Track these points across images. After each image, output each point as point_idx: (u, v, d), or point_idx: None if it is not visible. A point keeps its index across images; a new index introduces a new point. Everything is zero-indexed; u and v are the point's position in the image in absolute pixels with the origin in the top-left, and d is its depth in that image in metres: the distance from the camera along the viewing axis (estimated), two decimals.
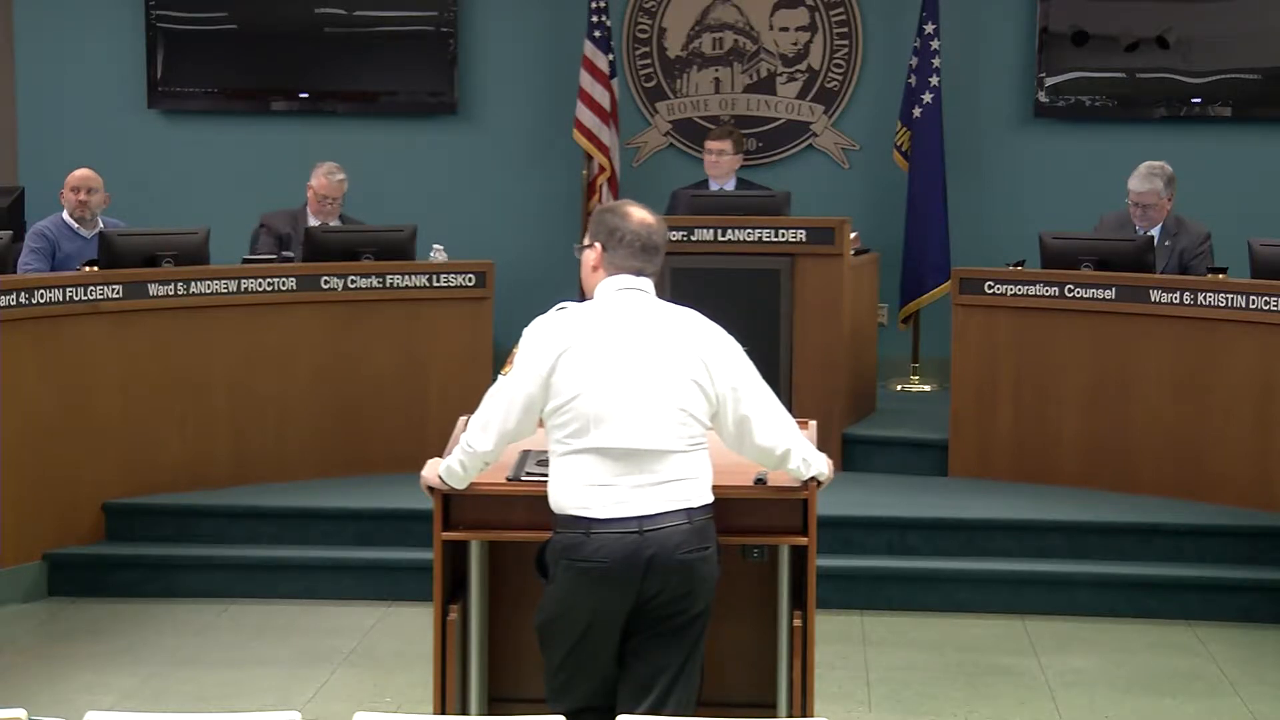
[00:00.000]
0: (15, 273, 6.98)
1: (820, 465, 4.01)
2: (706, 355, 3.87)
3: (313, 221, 7.83)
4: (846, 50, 9.29)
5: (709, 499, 3.86)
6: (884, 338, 8.55)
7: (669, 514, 3.77)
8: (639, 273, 3.92)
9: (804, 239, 7.29)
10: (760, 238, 7.30)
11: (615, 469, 3.78)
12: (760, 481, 4.01)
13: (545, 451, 3.96)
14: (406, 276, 7.34)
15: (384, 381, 7.25)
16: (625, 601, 3.79)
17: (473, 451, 3.93)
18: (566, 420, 3.80)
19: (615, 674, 3.92)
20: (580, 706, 3.90)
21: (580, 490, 3.80)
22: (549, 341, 3.85)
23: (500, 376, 3.92)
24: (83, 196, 7.52)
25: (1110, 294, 6.97)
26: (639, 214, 3.95)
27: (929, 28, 8.76)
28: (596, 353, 3.82)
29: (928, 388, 8.76)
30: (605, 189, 9.04)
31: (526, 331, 3.92)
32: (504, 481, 4.06)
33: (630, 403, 3.78)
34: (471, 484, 4.01)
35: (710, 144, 8.44)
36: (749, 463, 4.09)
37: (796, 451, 3.95)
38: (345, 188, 7.90)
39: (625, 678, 3.90)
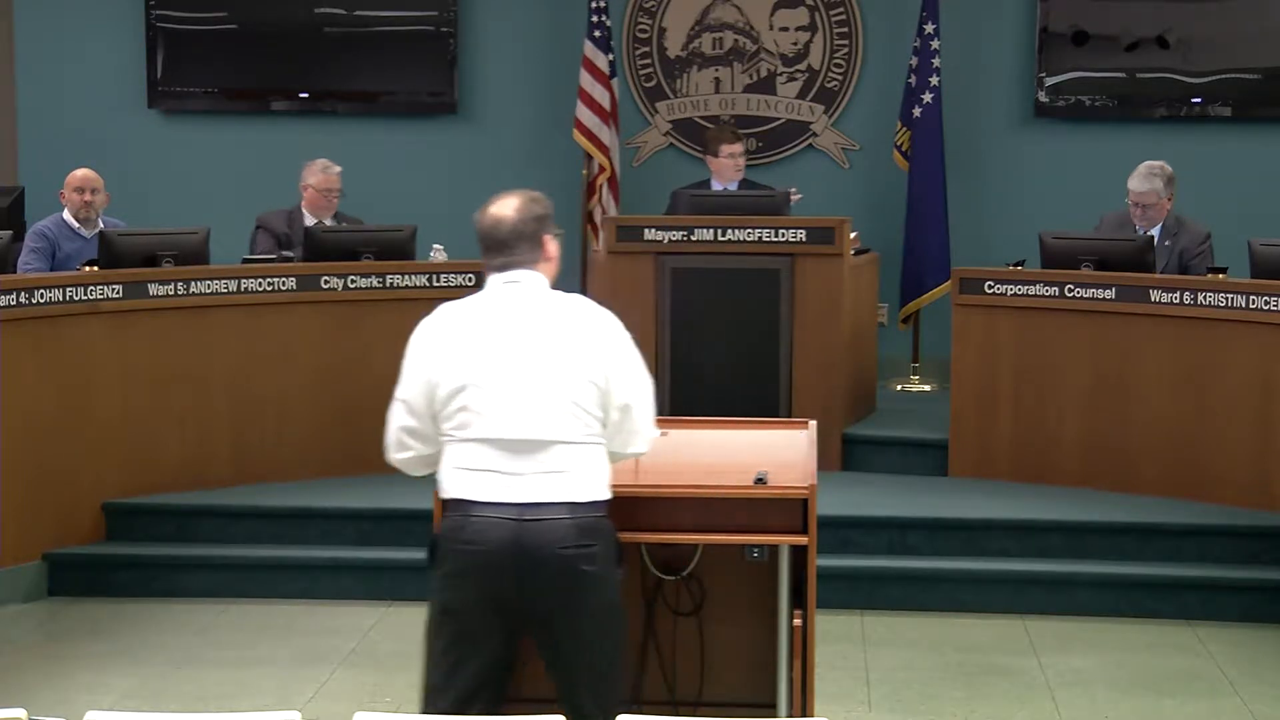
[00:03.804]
0: (15, 272, 6.98)
1: (642, 446, 3.93)
2: (603, 349, 3.78)
3: (309, 220, 7.85)
4: (846, 50, 9.29)
5: (598, 496, 3.76)
6: (884, 338, 8.56)
7: (550, 505, 3.69)
8: (504, 267, 3.84)
9: (804, 239, 7.28)
10: (760, 238, 7.29)
11: (497, 457, 3.72)
12: (760, 481, 4.01)
13: None
14: (406, 276, 7.34)
15: (384, 381, 7.11)
16: (506, 588, 3.69)
17: (392, 460, 3.92)
18: (449, 413, 3.76)
19: (502, 667, 3.81)
20: (465, 698, 3.77)
21: (463, 475, 3.75)
22: (426, 340, 3.84)
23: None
24: (87, 197, 7.53)
25: (1110, 294, 6.98)
26: (493, 208, 3.87)
27: (929, 28, 8.76)
28: (478, 347, 3.77)
29: (928, 388, 8.76)
30: (605, 189, 9.05)
31: (412, 335, 3.88)
32: None
33: (516, 394, 3.72)
34: None
35: (730, 148, 8.40)
36: (749, 463, 4.09)
37: (636, 449, 3.89)
38: (341, 179, 7.95)
39: (552, 678, 3.83)
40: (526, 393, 3.73)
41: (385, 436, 3.91)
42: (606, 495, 3.80)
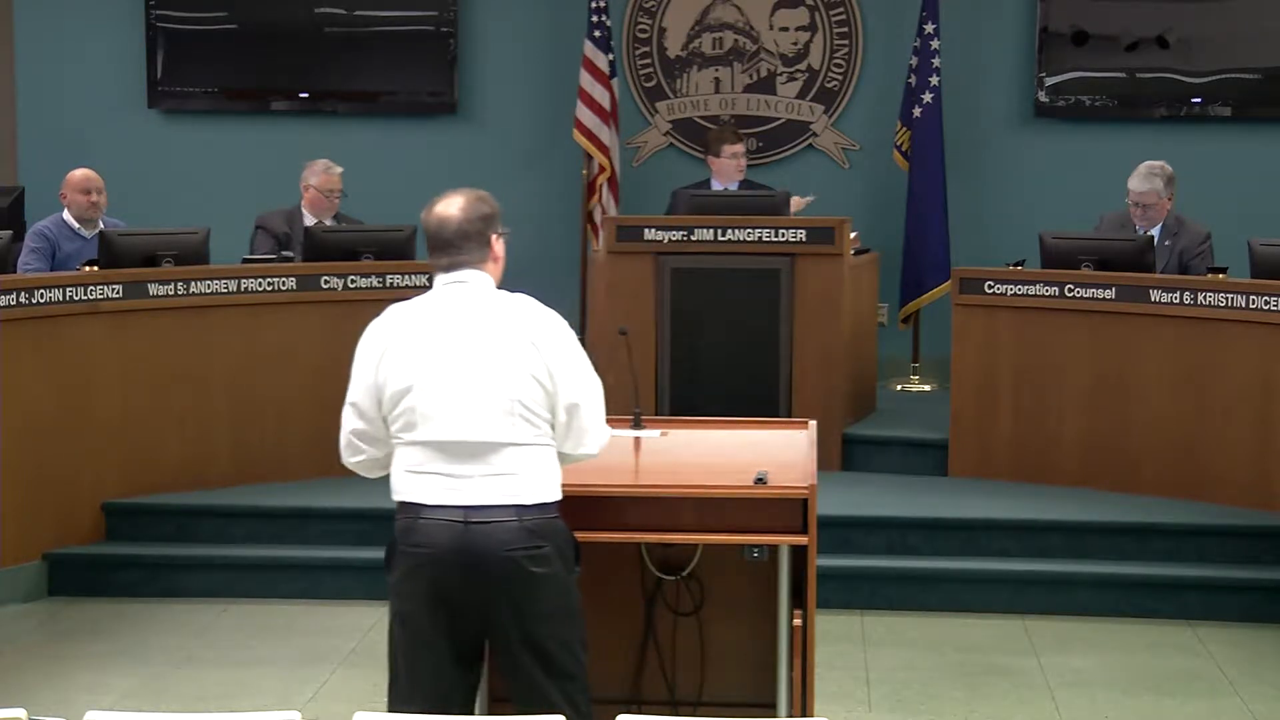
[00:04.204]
0: (15, 272, 6.98)
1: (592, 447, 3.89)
2: (546, 349, 3.75)
3: (309, 220, 7.86)
4: (846, 50, 9.29)
5: (547, 498, 3.74)
6: (884, 337, 8.55)
7: (497, 508, 3.68)
8: (449, 268, 3.83)
9: (804, 239, 7.28)
10: (760, 237, 7.29)
11: (443, 460, 3.71)
12: (760, 481, 4.01)
13: None
14: (406, 276, 7.34)
15: None
16: (454, 590, 3.68)
17: (346, 463, 3.93)
18: (396, 415, 3.77)
19: (463, 671, 3.78)
20: (431, 703, 3.73)
21: (412, 478, 3.75)
22: (371, 344, 3.85)
23: None
24: (94, 198, 7.53)
25: (1110, 294, 6.98)
26: (438, 207, 3.85)
27: (929, 27, 8.76)
28: (422, 348, 3.77)
29: (928, 387, 8.76)
30: (605, 189, 9.04)
31: (361, 338, 3.88)
32: None
33: (459, 395, 3.71)
34: None
35: (732, 148, 8.41)
36: (749, 463, 4.09)
37: (587, 449, 3.85)
38: (342, 180, 7.96)
39: (508, 680, 3.81)
40: (471, 395, 3.71)
41: (339, 440, 3.90)
42: (557, 496, 3.77)
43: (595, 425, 3.84)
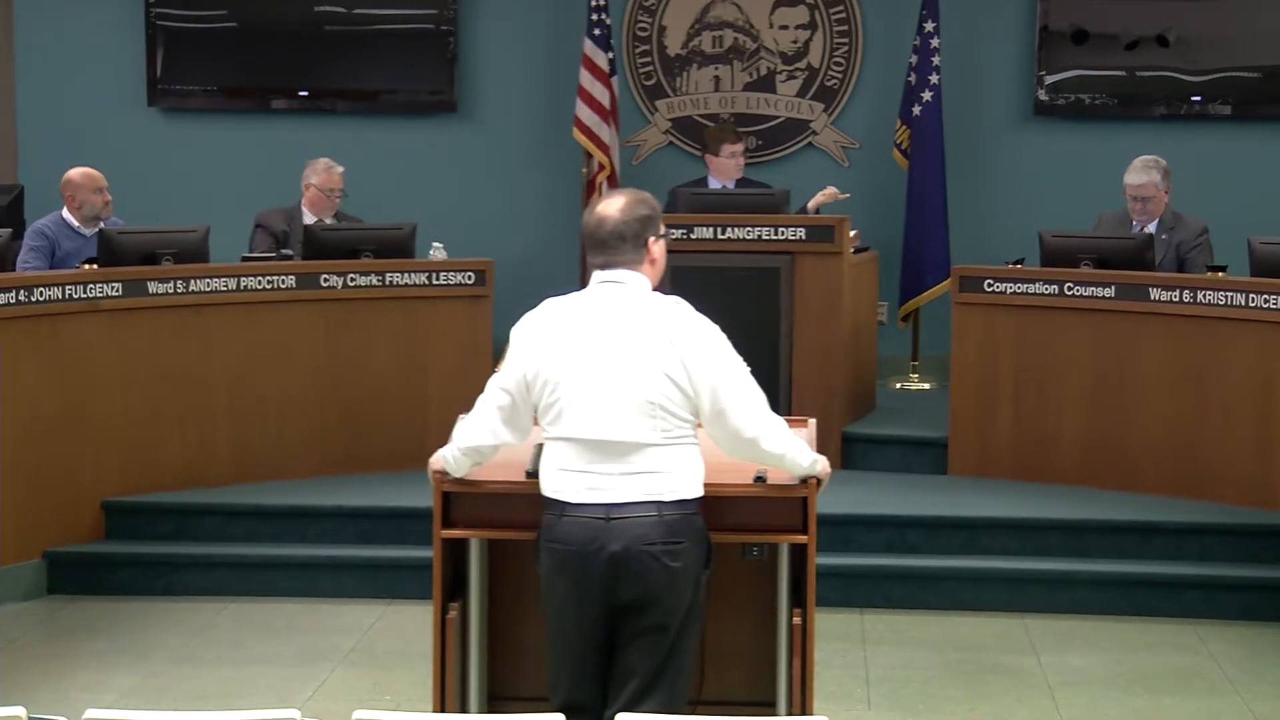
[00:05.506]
0: (14, 271, 6.98)
1: (810, 459, 3.97)
2: (684, 348, 3.83)
3: (309, 218, 7.85)
4: (846, 48, 9.29)
5: (687, 495, 3.83)
6: (884, 336, 8.55)
7: (638, 504, 3.77)
8: (604, 266, 3.91)
9: (804, 237, 7.28)
10: (760, 236, 7.29)
11: (588, 457, 3.80)
12: (760, 480, 4.01)
13: None
14: (406, 275, 7.34)
15: (384, 380, 7.25)
16: (593, 588, 3.78)
17: (465, 445, 3.98)
18: (545, 408, 3.86)
19: (599, 673, 3.89)
20: (567, 702, 3.85)
21: (557, 474, 3.84)
22: (527, 335, 3.91)
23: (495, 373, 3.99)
24: (106, 197, 7.53)
25: (1110, 292, 6.97)
26: (600, 206, 3.93)
27: (929, 26, 8.76)
28: (571, 344, 3.84)
29: (927, 386, 8.75)
30: (605, 187, 9.03)
31: (514, 327, 3.96)
32: (503, 479, 4.06)
33: (599, 393, 3.79)
34: (473, 482, 4.02)
35: (732, 147, 8.39)
36: (749, 462, 4.08)
37: (778, 443, 3.90)
38: (344, 179, 7.97)
39: (611, 680, 3.89)
40: (612, 395, 3.79)
41: (465, 420, 3.98)
42: (697, 494, 3.85)
43: (752, 427, 3.86)
